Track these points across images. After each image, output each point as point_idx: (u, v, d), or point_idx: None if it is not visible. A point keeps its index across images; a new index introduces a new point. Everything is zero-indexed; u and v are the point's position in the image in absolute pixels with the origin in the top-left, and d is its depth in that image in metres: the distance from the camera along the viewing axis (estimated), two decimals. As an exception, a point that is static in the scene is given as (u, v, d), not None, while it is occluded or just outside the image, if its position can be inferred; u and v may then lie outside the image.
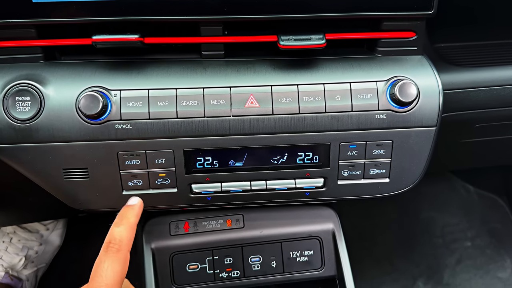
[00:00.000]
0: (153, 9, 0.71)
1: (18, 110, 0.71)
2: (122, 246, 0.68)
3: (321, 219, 1.00)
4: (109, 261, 0.65)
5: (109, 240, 0.68)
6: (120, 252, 0.67)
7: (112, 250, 0.67)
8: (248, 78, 0.75)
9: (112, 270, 0.65)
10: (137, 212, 0.75)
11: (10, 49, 0.75)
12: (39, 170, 0.75)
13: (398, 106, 0.75)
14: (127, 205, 0.76)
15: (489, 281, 1.72)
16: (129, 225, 0.71)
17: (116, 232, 0.69)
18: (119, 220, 0.72)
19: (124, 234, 0.69)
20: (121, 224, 0.71)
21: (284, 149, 0.78)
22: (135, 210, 0.75)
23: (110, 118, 0.72)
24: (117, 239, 0.68)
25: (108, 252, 0.67)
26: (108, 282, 0.63)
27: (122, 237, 0.69)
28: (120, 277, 0.65)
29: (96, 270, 0.65)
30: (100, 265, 0.65)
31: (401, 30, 0.79)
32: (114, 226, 0.71)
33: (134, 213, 0.74)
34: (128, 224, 0.71)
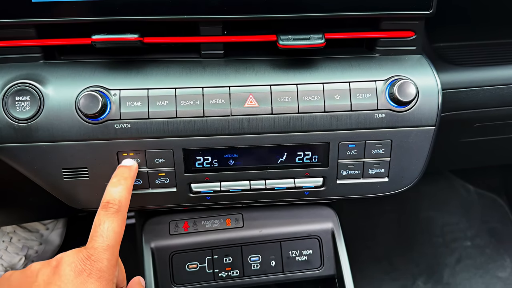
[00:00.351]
0: (152, 8, 0.71)
1: (17, 109, 0.71)
2: (121, 206, 0.66)
3: (320, 218, 1.00)
4: (109, 221, 0.64)
5: (107, 201, 0.66)
6: (120, 212, 0.66)
7: (112, 210, 0.65)
8: (248, 78, 0.76)
9: (113, 230, 0.64)
10: (134, 174, 0.74)
11: (10, 48, 0.75)
12: (38, 169, 0.75)
13: (397, 105, 0.76)
14: (123, 165, 0.74)
15: (489, 280, 1.72)
16: (127, 185, 0.70)
17: (115, 192, 0.68)
18: (117, 179, 0.70)
19: (123, 195, 0.68)
20: (119, 184, 0.69)
21: (283, 149, 0.78)
22: (132, 171, 0.73)
23: (110, 118, 0.72)
24: (116, 199, 0.67)
25: (108, 212, 0.65)
26: (109, 243, 0.63)
27: (122, 198, 0.67)
28: (120, 238, 0.65)
29: (95, 230, 0.64)
30: (99, 226, 0.64)
31: (400, 30, 0.79)
32: (111, 186, 0.69)
33: (131, 174, 0.73)
34: (126, 184, 0.70)
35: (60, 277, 0.59)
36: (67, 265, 0.60)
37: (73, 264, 0.60)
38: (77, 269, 0.59)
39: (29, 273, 0.61)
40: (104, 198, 0.67)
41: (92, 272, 0.60)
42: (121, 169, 0.73)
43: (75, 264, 0.60)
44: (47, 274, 0.60)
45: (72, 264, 0.60)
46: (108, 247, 0.62)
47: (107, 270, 0.61)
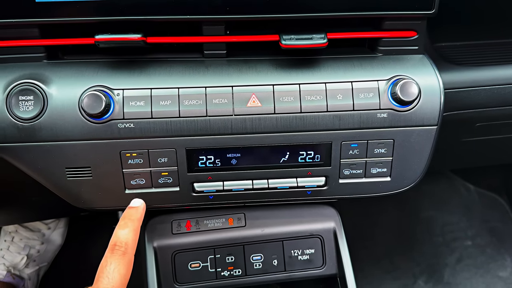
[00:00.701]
0: (155, 8, 0.72)
1: (21, 109, 0.72)
2: (128, 249, 0.67)
3: (322, 217, 1.00)
4: (115, 263, 0.65)
5: (114, 243, 0.68)
6: (126, 255, 0.67)
7: (118, 252, 0.66)
8: (250, 77, 0.76)
9: (118, 272, 0.64)
10: (141, 215, 0.75)
11: (13, 48, 0.75)
12: (42, 169, 0.75)
13: (399, 105, 0.76)
14: (131, 207, 0.75)
15: (490, 280, 1.72)
16: (134, 227, 0.71)
17: (122, 234, 0.69)
18: (124, 222, 0.71)
19: (130, 237, 0.69)
20: (126, 226, 0.70)
21: (285, 148, 0.78)
22: (139, 212, 0.74)
23: (113, 117, 0.73)
24: (123, 241, 0.68)
25: (114, 255, 0.66)
26: (114, 285, 0.63)
27: (128, 240, 0.68)
28: (125, 280, 0.65)
29: (102, 272, 0.64)
30: (106, 267, 0.64)
31: (403, 30, 0.79)
32: (119, 228, 0.70)
33: (138, 216, 0.74)
34: (133, 226, 0.71)
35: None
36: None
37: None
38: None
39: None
40: (111, 240, 0.68)
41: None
42: (129, 211, 0.74)
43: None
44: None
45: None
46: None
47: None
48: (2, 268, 1.46)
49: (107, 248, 0.67)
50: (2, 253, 1.51)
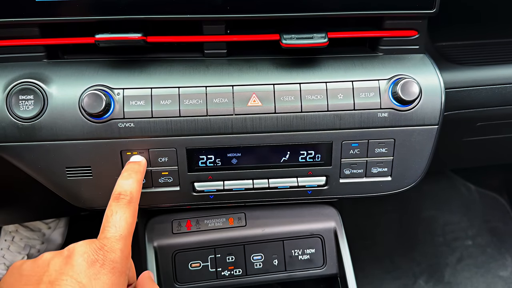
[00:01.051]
0: (156, 8, 0.72)
1: (21, 108, 0.71)
2: (132, 198, 0.66)
3: (323, 217, 1.00)
4: (121, 212, 0.64)
5: (119, 192, 0.66)
6: (131, 203, 0.65)
7: (124, 201, 0.65)
8: (251, 77, 0.76)
9: (125, 220, 0.63)
10: (143, 168, 0.74)
11: (14, 48, 0.75)
12: (42, 168, 0.75)
13: (400, 104, 0.76)
14: (133, 161, 0.75)
15: (490, 279, 1.72)
16: (138, 179, 0.70)
17: (126, 184, 0.68)
18: (127, 173, 0.70)
19: (134, 187, 0.68)
20: (130, 177, 0.69)
21: (286, 148, 0.78)
22: (141, 166, 0.73)
23: (113, 117, 0.73)
24: (128, 190, 0.67)
25: (119, 203, 0.65)
26: (122, 233, 0.62)
27: (133, 190, 0.67)
28: (132, 228, 0.64)
29: (107, 221, 0.63)
30: (112, 216, 0.63)
31: (403, 29, 0.79)
32: (122, 179, 0.69)
33: (141, 169, 0.73)
34: (136, 177, 0.70)
35: (72, 267, 0.58)
36: (80, 255, 0.59)
37: (85, 254, 0.59)
38: (89, 260, 0.58)
39: (40, 263, 0.60)
40: (115, 190, 0.67)
41: (105, 263, 0.59)
42: (130, 164, 0.74)
43: (87, 254, 0.59)
44: (59, 264, 0.59)
45: (85, 255, 0.59)
46: (121, 237, 0.62)
47: (120, 261, 0.60)
48: (2, 267, 1.47)
49: (111, 197, 0.66)
50: (3, 252, 1.51)
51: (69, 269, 0.58)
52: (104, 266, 0.59)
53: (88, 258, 0.59)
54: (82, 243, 0.61)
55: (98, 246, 0.60)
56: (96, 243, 0.61)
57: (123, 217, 0.63)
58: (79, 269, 0.57)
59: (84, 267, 0.58)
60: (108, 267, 0.59)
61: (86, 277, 0.57)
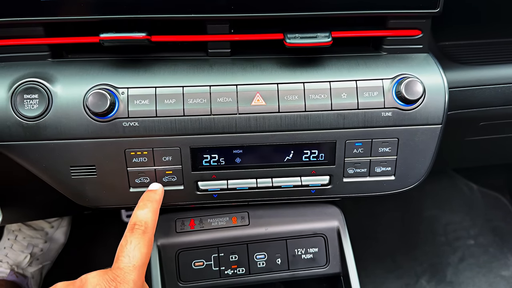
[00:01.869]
0: (160, 7, 0.72)
1: (26, 107, 0.72)
2: (147, 228, 0.66)
3: (326, 216, 1.00)
4: (136, 242, 0.64)
5: (134, 222, 0.66)
6: (146, 234, 0.65)
7: (138, 231, 0.65)
8: (255, 76, 0.76)
9: (139, 251, 0.63)
10: (160, 197, 0.74)
11: (18, 47, 0.75)
12: (47, 167, 0.76)
13: (404, 104, 0.76)
14: (150, 190, 0.75)
15: (492, 279, 1.72)
16: (153, 208, 0.70)
17: (141, 214, 0.68)
18: (143, 203, 0.71)
19: (149, 217, 0.68)
20: (146, 207, 0.69)
21: (290, 147, 0.78)
22: (158, 195, 0.74)
23: (118, 116, 0.73)
24: (143, 221, 0.67)
25: (134, 234, 0.65)
26: (135, 263, 0.62)
27: (148, 220, 0.67)
28: (146, 259, 0.64)
29: (122, 251, 0.63)
30: (126, 246, 0.63)
31: (407, 28, 0.79)
32: (138, 209, 0.69)
33: (157, 198, 0.73)
34: (152, 207, 0.70)
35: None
36: (92, 287, 0.59)
37: (97, 286, 0.59)
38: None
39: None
40: (131, 221, 0.68)
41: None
42: (147, 193, 0.74)
43: (100, 286, 0.59)
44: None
45: (97, 286, 0.58)
46: (134, 267, 0.61)
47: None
48: (5, 266, 1.47)
49: (127, 228, 0.66)
50: (6, 251, 1.52)
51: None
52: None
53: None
54: (95, 274, 0.61)
55: (110, 277, 0.60)
56: (109, 274, 0.60)
57: (137, 247, 0.63)
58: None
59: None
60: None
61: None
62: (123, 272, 0.60)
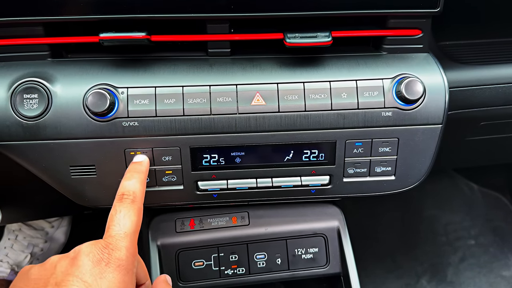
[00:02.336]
0: (160, 7, 0.72)
1: (26, 107, 0.72)
2: (136, 198, 0.67)
3: (326, 216, 1.00)
4: (125, 210, 0.64)
5: (122, 193, 0.67)
6: (135, 203, 0.66)
7: (127, 201, 0.66)
8: (254, 76, 0.76)
9: (129, 219, 0.63)
10: (146, 168, 0.74)
11: (18, 46, 0.75)
12: (46, 167, 0.76)
13: (404, 103, 0.76)
14: (136, 162, 0.75)
15: (493, 279, 1.72)
16: (140, 179, 0.70)
17: (129, 185, 0.68)
18: (130, 174, 0.71)
19: (137, 187, 0.68)
20: (133, 177, 0.70)
21: (290, 147, 0.78)
22: (143, 166, 0.74)
23: (118, 116, 0.73)
24: (131, 191, 0.67)
25: (123, 203, 0.65)
26: (126, 231, 0.62)
27: (136, 189, 0.68)
28: (137, 227, 0.64)
29: (112, 220, 0.64)
30: (116, 215, 0.64)
31: (407, 28, 0.79)
32: (125, 180, 0.70)
33: (143, 169, 0.73)
34: (139, 178, 0.70)
35: (78, 267, 0.58)
36: (85, 255, 0.59)
37: (91, 254, 0.59)
38: (95, 259, 0.59)
39: (47, 266, 0.61)
40: (118, 191, 0.68)
41: (111, 261, 0.59)
42: (133, 164, 0.74)
43: (93, 254, 0.59)
44: (65, 265, 0.59)
45: (90, 254, 0.59)
46: (125, 235, 0.62)
47: (125, 259, 0.60)
48: (6, 266, 1.47)
49: (115, 199, 0.67)
50: (6, 251, 1.52)
51: (75, 269, 0.58)
52: (110, 264, 0.59)
53: (94, 258, 0.59)
54: (88, 243, 0.61)
55: (103, 245, 0.60)
56: (101, 243, 0.61)
57: (127, 215, 0.64)
58: (84, 269, 0.58)
59: (89, 267, 0.58)
60: (114, 265, 0.59)
61: (91, 276, 0.57)
62: (115, 239, 0.61)
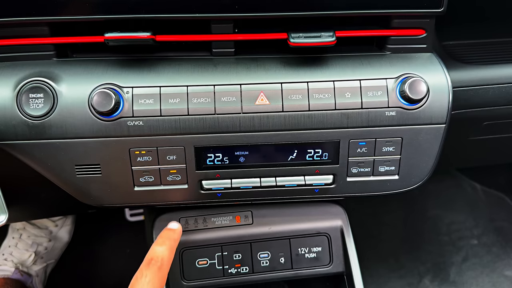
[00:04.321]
0: (164, 7, 0.72)
1: (31, 107, 0.72)
2: (163, 265, 0.68)
3: (329, 216, 1.01)
4: (150, 276, 0.65)
5: (151, 257, 0.69)
6: (161, 270, 0.67)
7: (154, 267, 0.67)
8: (258, 75, 0.76)
9: (152, 285, 0.65)
10: (178, 236, 0.77)
11: (23, 46, 0.75)
12: (52, 166, 0.76)
13: (408, 103, 0.76)
14: (169, 228, 0.79)
15: (496, 279, 1.71)
16: (171, 246, 0.73)
17: (159, 250, 0.70)
18: (162, 240, 0.74)
19: (166, 254, 0.70)
20: (164, 244, 0.72)
21: (293, 146, 0.78)
22: (176, 234, 0.77)
23: (123, 115, 0.73)
24: (159, 257, 0.69)
25: (150, 268, 0.67)
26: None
27: (164, 257, 0.70)
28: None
29: (137, 282, 0.65)
30: (140, 279, 0.65)
31: (411, 28, 0.79)
32: (156, 245, 0.72)
33: (176, 237, 0.76)
34: (169, 245, 0.73)
35: None
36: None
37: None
38: None
39: None
40: (148, 255, 0.70)
41: None
42: (167, 231, 0.77)
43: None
44: None
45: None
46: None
47: None
48: (10, 265, 1.48)
49: (143, 262, 0.68)
50: (10, 250, 1.52)
51: None
52: None
53: None
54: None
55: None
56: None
57: (151, 282, 0.65)
58: None
59: None
60: None
61: None
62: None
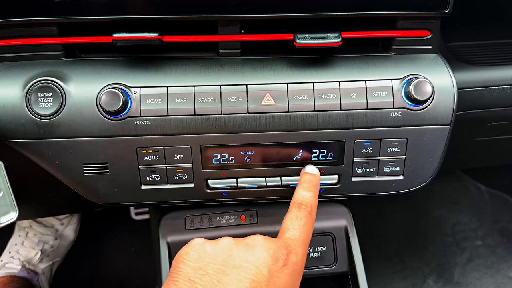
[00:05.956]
0: (172, 7, 0.73)
1: (40, 106, 0.73)
2: (312, 210, 0.68)
3: (334, 215, 1.01)
4: (304, 219, 0.65)
5: (300, 202, 0.68)
6: (311, 216, 0.67)
7: (305, 211, 0.67)
8: (265, 76, 0.77)
9: (308, 229, 0.65)
10: (318, 182, 0.76)
11: (32, 46, 0.76)
12: (60, 164, 0.77)
13: (413, 104, 0.76)
14: (309, 173, 0.76)
15: (500, 280, 1.71)
16: (316, 192, 0.72)
17: (307, 196, 0.70)
18: (308, 185, 0.72)
19: (313, 201, 0.70)
20: (310, 190, 0.71)
21: (299, 146, 0.79)
22: (316, 179, 0.75)
23: (130, 115, 0.74)
24: (309, 203, 0.69)
25: (302, 211, 0.66)
26: (304, 239, 0.63)
27: (312, 203, 0.69)
28: (309, 239, 0.65)
29: (291, 223, 0.64)
30: (296, 220, 0.65)
31: (416, 29, 0.79)
32: (303, 190, 0.71)
33: (317, 183, 0.75)
34: (315, 192, 0.72)
35: (257, 258, 0.58)
36: (265, 249, 0.59)
37: (270, 250, 0.59)
38: (274, 255, 0.59)
39: (223, 245, 0.61)
40: (296, 199, 0.70)
41: (288, 263, 0.60)
42: (308, 176, 0.75)
43: (273, 250, 0.59)
44: (242, 251, 0.59)
45: (270, 250, 0.59)
46: (303, 242, 0.63)
47: (300, 265, 0.61)
48: (17, 263, 1.49)
49: (291, 204, 0.68)
50: (17, 248, 1.54)
51: (255, 259, 0.58)
52: (287, 266, 0.59)
53: (273, 254, 0.59)
54: (264, 238, 0.62)
55: (282, 244, 0.61)
56: (280, 242, 0.61)
57: (306, 225, 0.65)
58: (264, 262, 0.58)
59: (268, 262, 0.58)
60: (290, 268, 0.60)
61: (269, 272, 0.58)
62: (294, 242, 0.62)
